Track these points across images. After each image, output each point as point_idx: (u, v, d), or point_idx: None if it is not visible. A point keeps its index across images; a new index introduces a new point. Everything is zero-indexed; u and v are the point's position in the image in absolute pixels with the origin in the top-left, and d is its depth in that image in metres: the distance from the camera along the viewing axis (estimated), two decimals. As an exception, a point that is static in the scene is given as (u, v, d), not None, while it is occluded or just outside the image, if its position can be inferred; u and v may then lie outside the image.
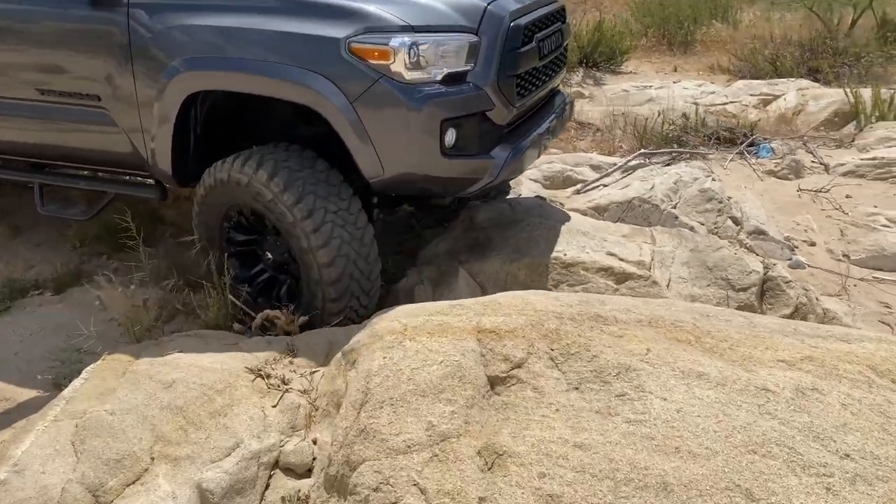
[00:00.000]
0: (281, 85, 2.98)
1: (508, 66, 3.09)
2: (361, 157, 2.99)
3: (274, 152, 3.20)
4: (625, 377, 2.19)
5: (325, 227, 3.05)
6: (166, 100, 3.20)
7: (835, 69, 8.27)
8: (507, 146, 3.18)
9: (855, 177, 4.87)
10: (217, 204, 3.34)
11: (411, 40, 2.85)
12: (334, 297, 3.12)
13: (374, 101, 2.89)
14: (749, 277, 3.36)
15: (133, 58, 3.24)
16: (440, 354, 2.35)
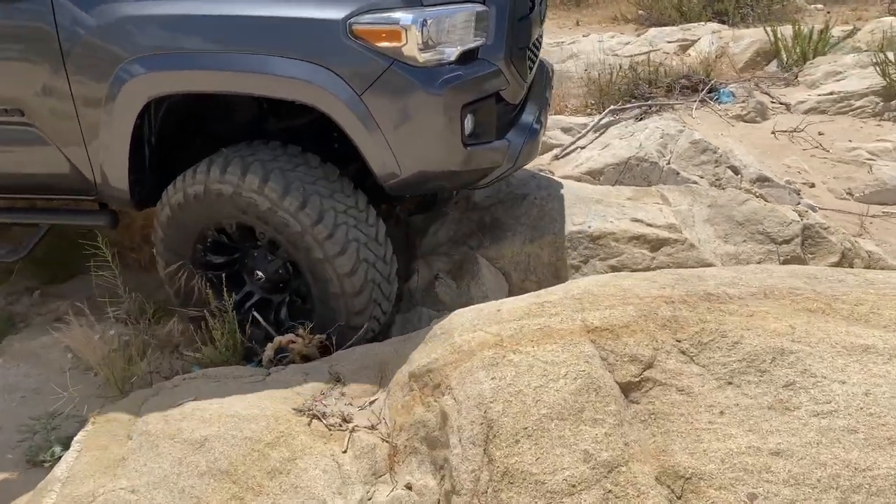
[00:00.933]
0: (270, 81, 2.47)
1: (520, 37, 2.73)
2: (374, 157, 2.53)
3: (254, 152, 2.69)
4: (783, 362, 1.92)
5: (340, 232, 2.59)
6: (119, 108, 2.60)
7: (741, 11, 8.41)
8: (521, 128, 2.83)
9: (817, 113, 4.88)
10: (189, 224, 2.80)
11: (422, 16, 2.38)
12: (359, 308, 2.69)
13: (386, 91, 2.43)
14: (790, 228, 3.20)
15: (66, 60, 2.60)
16: (560, 366, 1.99)
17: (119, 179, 2.76)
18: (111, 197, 2.87)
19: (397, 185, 2.60)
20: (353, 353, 2.63)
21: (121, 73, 2.53)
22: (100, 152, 2.73)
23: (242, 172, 2.60)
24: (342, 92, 2.40)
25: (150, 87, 2.56)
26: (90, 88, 2.62)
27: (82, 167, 2.81)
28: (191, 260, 2.89)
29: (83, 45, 2.57)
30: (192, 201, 2.69)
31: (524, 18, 2.80)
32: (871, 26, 7.17)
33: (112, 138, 2.67)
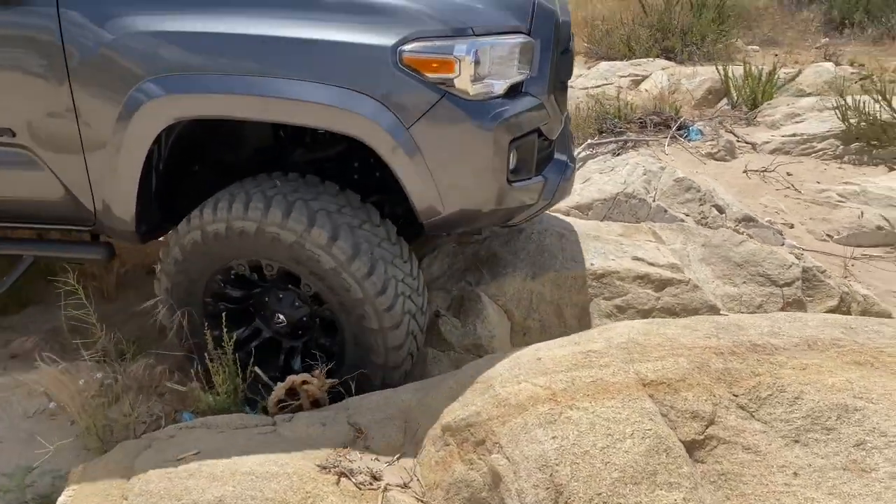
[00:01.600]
0: (311, 110, 2.28)
1: (562, 71, 2.66)
2: (417, 192, 2.37)
3: (280, 186, 2.48)
4: (849, 420, 1.88)
5: (379, 268, 2.42)
6: (134, 131, 2.35)
7: (687, 48, 8.67)
8: (557, 164, 2.74)
9: (783, 153, 5.02)
10: (206, 263, 2.55)
11: (474, 47, 2.26)
12: (397, 343, 2.51)
13: (435, 125, 2.28)
14: (790, 271, 3.22)
15: (72, 77, 2.34)
16: (624, 424, 1.89)
17: (124, 209, 2.51)
18: (112, 228, 2.61)
19: (438, 222, 2.45)
20: (369, 401, 2.45)
21: (137, 93, 2.30)
22: (104, 179, 2.48)
23: (285, 213, 2.39)
24: (389, 124, 2.25)
25: (172, 110, 2.33)
26: (99, 109, 2.37)
27: (81, 195, 2.54)
28: (200, 295, 2.65)
29: (94, 60, 2.31)
30: (215, 239, 2.46)
31: (566, 51, 2.71)
32: (812, 70, 7.52)
33: (121, 164, 2.42)
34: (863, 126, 4.93)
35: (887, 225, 3.97)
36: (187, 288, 2.61)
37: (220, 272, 2.56)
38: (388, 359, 2.54)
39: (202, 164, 2.85)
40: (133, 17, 2.28)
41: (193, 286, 2.61)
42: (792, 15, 11.19)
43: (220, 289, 2.63)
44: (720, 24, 9.27)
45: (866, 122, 4.91)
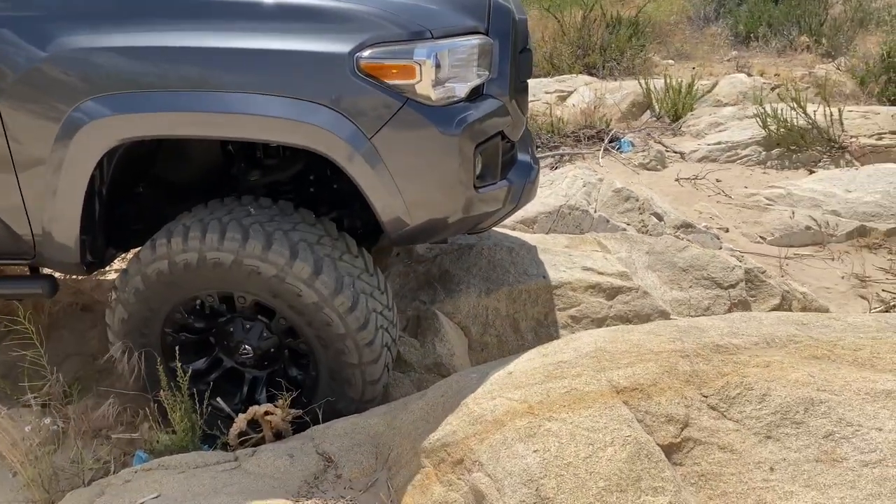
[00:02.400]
0: (267, 124, 2.18)
1: (522, 71, 2.62)
2: (383, 205, 2.29)
3: (255, 215, 2.38)
4: (816, 412, 1.94)
5: (360, 301, 2.34)
6: (73, 155, 2.21)
7: (607, 64, 8.94)
8: (521, 167, 2.69)
9: (709, 161, 5.21)
10: (171, 294, 2.42)
11: (434, 50, 2.20)
12: (375, 378, 2.44)
13: (398, 133, 2.21)
14: (734, 273, 3.33)
15: (2, 96, 2.20)
16: (603, 432, 1.89)
17: (66, 239, 2.35)
18: (53, 260, 2.44)
19: (406, 234, 2.38)
20: (336, 429, 2.37)
21: (77, 113, 2.16)
22: (43, 208, 2.31)
23: (266, 244, 2.27)
24: (350, 135, 2.16)
25: (115, 130, 2.19)
26: (34, 131, 2.22)
27: (17, 226, 2.37)
28: (158, 330, 2.51)
29: (27, 78, 2.17)
30: (177, 270, 2.32)
31: (525, 50, 2.67)
32: (726, 81, 7.88)
33: (61, 189, 2.26)
34: (782, 132, 5.18)
35: (815, 225, 4.17)
36: (146, 318, 2.47)
37: (183, 303, 2.44)
38: (365, 393, 2.47)
39: (147, 184, 2.72)
40: (71, 33, 2.15)
41: (153, 316, 2.47)
42: (701, 30, 11.73)
43: (181, 319, 2.51)
44: (637, 39, 9.61)
45: (785, 129, 5.16)
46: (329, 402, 2.45)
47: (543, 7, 11.29)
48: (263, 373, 2.60)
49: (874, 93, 7.08)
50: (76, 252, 2.38)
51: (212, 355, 2.61)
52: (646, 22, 10.83)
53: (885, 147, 5.19)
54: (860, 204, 4.37)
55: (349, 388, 2.45)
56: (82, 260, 2.42)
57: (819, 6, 10.49)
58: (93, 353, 3.17)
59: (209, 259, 2.28)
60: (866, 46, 9.02)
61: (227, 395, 2.58)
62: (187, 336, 2.54)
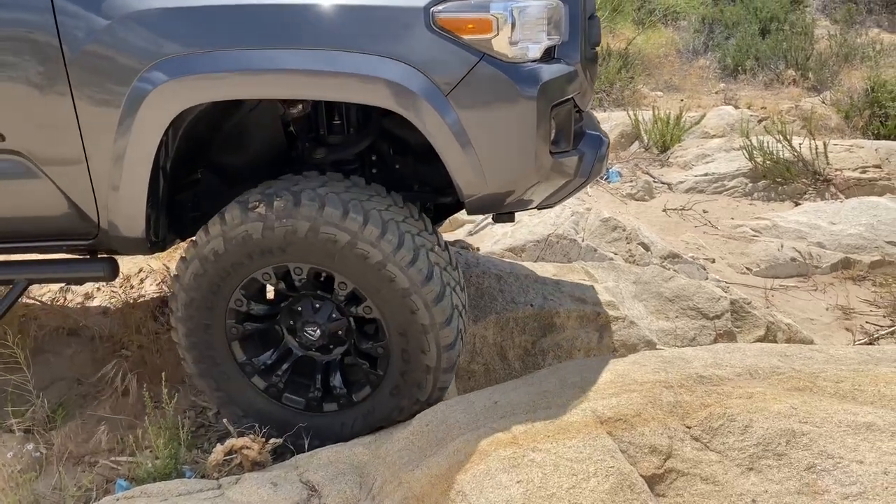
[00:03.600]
0: (341, 82, 2.14)
1: (592, 37, 2.59)
2: (460, 168, 2.22)
3: (329, 186, 2.33)
4: (797, 444, 1.95)
5: (446, 293, 2.28)
6: (140, 127, 2.19)
7: (597, 95, 9.05)
8: (590, 139, 2.59)
9: (696, 192, 5.27)
10: (244, 263, 2.34)
11: (510, 6, 2.14)
12: (446, 384, 2.38)
13: (475, 91, 2.16)
14: (720, 304, 3.36)
15: (70, 72, 2.17)
16: (586, 462, 1.90)
17: (133, 217, 2.31)
18: (119, 239, 2.40)
19: (480, 200, 2.33)
20: (320, 457, 2.37)
21: (141, 82, 2.15)
22: (110, 185, 2.29)
23: (365, 221, 2.23)
24: (426, 91, 2.12)
25: (181, 96, 2.18)
26: (102, 105, 2.21)
27: (84, 205, 2.34)
28: (222, 315, 2.45)
29: (92, 50, 2.16)
30: (247, 241, 2.27)
31: (593, 17, 2.65)
32: (714, 113, 7.98)
33: (129, 165, 2.24)
34: (768, 164, 5.25)
35: (799, 257, 4.21)
36: (213, 297, 2.41)
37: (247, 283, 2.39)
38: (441, 359, 2.35)
39: (205, 170, 2.70)
40: None
41: (217, 298, 2.40)
42: (690, 63, 11.90)
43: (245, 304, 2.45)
44: (626, 71, 9.75)
45: (771, 161, 5.24)
46: (404, 374, 2.37)
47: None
48: (333, 356, 2.53)
49: (858, 126, 7.20)
50: (142, 231, 2.34)
51: (280, 346, 2.55)
52: (635, 54, 11.01)
53: (869, 180, 5.27)
54: (844, 236, 4.43)
55: (420, 391, 2.38)
56: (147, 238, 2.38)
57: (805, 41, 10.68)
58: (78, 377, 3.16)
59: (322, 232, 2.23)
60: (851, 81, 9.17)
61: (301, 387, 2.54)
62: (260, 313, 2.50)
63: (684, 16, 13.27)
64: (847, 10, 12.49)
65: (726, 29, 11.97)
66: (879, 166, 5.40)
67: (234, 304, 2.43)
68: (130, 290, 3.65)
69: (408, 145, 2.71)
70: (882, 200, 4.76)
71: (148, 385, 2.80)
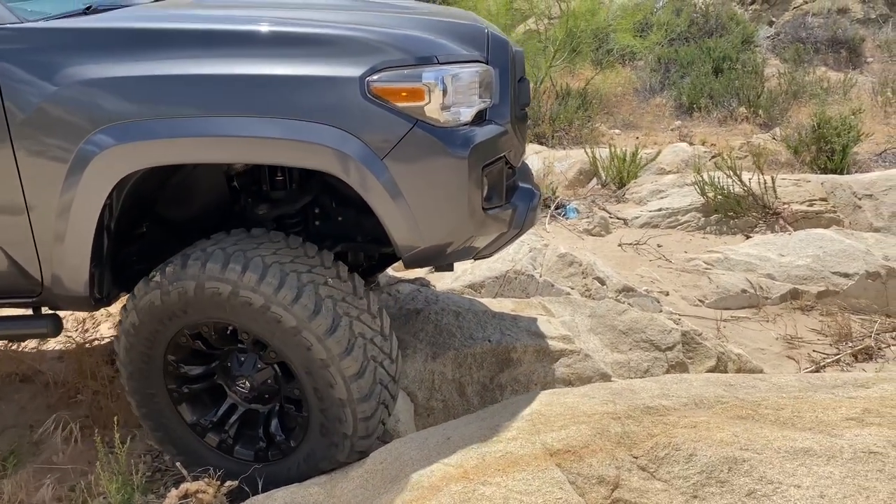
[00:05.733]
0: (281, 147, 2.23)
1: (521, 98, 2.70)
2: (396, 227, 2.33)
3: (240, 241, 2.40)
4: (739, 471, 2.01)
5: (341, 324, 2.32)
6: (85, 189, 2.24)
7: (556, 133, 9.26)
8: (523, 192, 2.74)
9: (651, 227, 5.41)
10: (160, 329, 2.43)
11: (441, 74, 2.27)
12: (368, 414, 2.39)
13: (409, 154, 2.27)
14: (671, 335, 3.44)
15: (13, 134, 2.22)
16: (536, 495, 1.93)
17: (76, 275, 2.35)
18: (62, 297, 2.43)
19: (416, 255, 2.42)
20: (274, 498, 2.36)
21: (87, 146, 2.20)
22: (53, 244, 2.32)
23: (243, 268, 2.28)
24: (363, 156, 2.22)
25: (126, 160, 2.24)
26: (46, 166, 2.25)
27: (26, 263, 2.37)
28: (159, 372, 2.52)
29: (37, 114, 2.22)
30: (175, 300, 2.33)
31: (522, 80, 2.78)
32: (669, 150, 8.21)
33: (73, 225, 2.28)
34: (719, 199, 5.42)
35: (750, 288, 4.34)
36: (147, 352, 2.49)
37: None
38: (356, 431, 2.40)
39: (150, 224, 2.74)
40: (76, 65, 2.21)
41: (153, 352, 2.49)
42: (647, 101, 12.25)
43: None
44: (584, 110, 10.00)
45: (722, 196, 5.41)
46: (323, 411, 2.39)
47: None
48: (274, 404, 2.59)
49: (806, 161, 7.46)
50: (86, 285, 2.38)
51: (224, 400, 2.61)
52: (594, 93, 11.31)
53: (816, 213, 5.46)
54: (793, 267, 4.57)
55: (342, 426, 2.39)
56: (91, 296, 2.41)
57: (756, 80, 11.08)
58: (31, 424, 3.11)
59: (208, 288, 2.30)
60: (799, 118, 9.53)
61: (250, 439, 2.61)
62: (195, 373, 2.57)
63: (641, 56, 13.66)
64: (795, 49, 12.98)
65: (681, 68, 12.36)
66: (826, 199, 5.61)
67: (169, 369, 2.52)
68: (85, 333, 3.62)
69: (349, 199, 2.80)
70: (828, 233, 4.93)
71: (102, 431, 2.78)
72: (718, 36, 13.33)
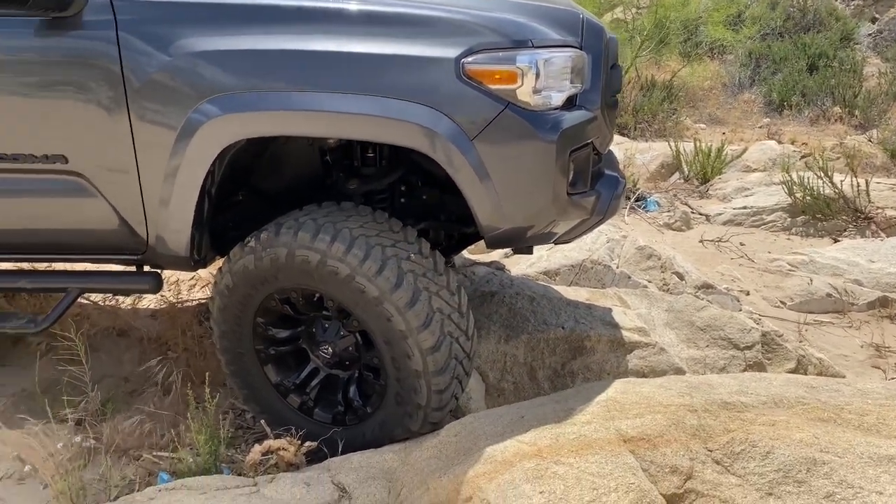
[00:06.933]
0: (374, 124, 2.31)
1: (612, 85, 2.72)
2: (481, 206, 2.37)
3: (330, 214, 2.50)
4: (818, 473, 1.99)
5: (421, 298, 2.39)
6: (192, 154, 2.37)
7: (639, 125, 9.11)
8: (608, 180, 2.76)
9: (734, 225, 5.29)
10: (252, 293, 2.55)
11: (535, 58, 2.30)
12: (442, 387, 2.45)
13: (499, 136, 2.31)
14: (751, 335, 3.38)
15: (130, 100, 2.36)
16: (608, 478, 1.96)
17: (178, 237, 2.50)
18: (164, 256, 2.58)
19: (499, 236, 2.47)
20: (351, 461, 2.46)
21: (196, 114, 2.33)
22: (160, 205, 2.47)
23: (332, 239, 2.37)
24: (454, 136, 2.27)
25: (231, 129, 2.35)
26: (157, 132, 2.39)
27: (135, 222, 2.52)
28: (249, 334, 2.65)
29: (152, 82, 2.35)
30: (267, 264, 2.45)
31: (615, 66, 2.80)
32: (757, 147, 7.97)
33: (178, 188, 2.42)
34: (808, 200, 5.25)
35: (835, 293, 4.20)
36: (238, 314, 2.62)
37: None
38: (430, 402, 2.46)
39: (246, 193, 2.88)
40: (191, 37, 2.32)
41: (243, 314, 2.62)
42: (735, 96, 11.89)
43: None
44: (669, 103, 9.79)
45: (811, 197, 5.23)
46: (399, 381, 2.47)
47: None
48: (354, 370, 2.70)
49: (905, 166, 7.13)
50: (187, 247, 2.51)
51: (307, 365, 2.73)
52: (680, 86, 11.04)
53: (912, 220, 5.23)
54: (884, 275, 4.40)
55: (417, 397, 2.46)
56: (190, 257, 2.55)
57: (854, 78, 10.60)
58: (126, 375, 3.31)
59: (297, 255, 2.39)
60: (899, 120, 9.08)
61: (329, 403, 2.72)
62: (281, 336, 2.69)
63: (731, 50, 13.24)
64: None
65: (773, 64, 11.93)
66: (923, 206, 5.36)
67: (258, 330, 2.64)
68: (178, 294, 3.81)
69: (435, 178, 2.85)
70: (924, 241, 4.72)
71: (191, 385, 2.94)
72: (816, 32, 12.77)
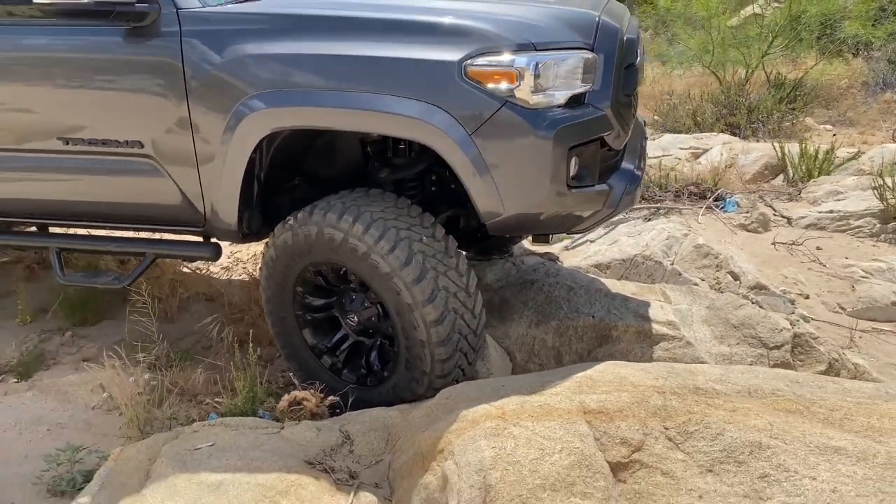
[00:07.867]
0: (386, 119, 2.63)
1: (625, 85, 2.90)
2: (480, 195, 2.64)
3: (357, 198, 2.84)
4: (759, 456, 2.10)
5: (428, 277, 2.69)
6: (237, 142, 2.78)
7: (752, 125, 8.83)
8: (622, 173, 2.96)
9: (817, 229, 5.13)
10: (291, 264, 2.94)
11: (535, 60, 2.54)
12: (444, 357, 2.76)
13: (496, 132, 2.56)
14: (781, 335, 3.39)
15: (189, 95, 2.82)
16: (556, 441, 2.17)
17: (228, 212, 2.93)
18: (218, 229, 3.04)
19: (498, 224, 2.72)
20: (362, 416, 2.81)
21: (241, 107, 2.73)
22: (213, 184, 2.92)
23: (354, 220, 2.70)
24: (454, 131, 2.54)
25: (268, 121, 2.73)
26: (210, 122, 2.81)
27: (194, 199, 2.99)
28: (290, 301, 3.05)
29: (207, 80, 2.77)
30: (301, 240, 2.82)
31: (630, 66, 2.95)
32: (874, 151, 7.52)
33: (227, 171, 2.84)
34: (901, 206, 5.00)
35: (904, 301, 4.04)
36: (280, 282, 3.01)
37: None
38: (433, 370, 2.76)
39: (301, 177, 3.30)
40: (239, 42, 2.74)
41: (285, 283, 3.01)
42: (875, 96, 11.13)
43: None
44: (789, 102, 9.37)
45: (904, 203, 4.98)
46: (409, 349, 2.77)
47: (705, 64, 11.27)
48: (377, 338, 3.05)
49: None
50: (235, 220, 2.95)
51: (338, 332, 3.10)
52: (813, 85, 10.49)
53: None
54: (967, 287, 4.16)
55: (422, 364, 2.77)
56: (239, 230, 3.00)
57: None
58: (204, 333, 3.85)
59: (325, 234, 2.75)
60: None
61: (355, 365, 3.09)
62: (317, 304, 3.08)
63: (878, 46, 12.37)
64: None
65: (922, 62, 11.06)
66: None
67: (297, 298, 3.02)
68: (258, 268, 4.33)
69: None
70: None
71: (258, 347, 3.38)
72: (973, 26, 11.68)
